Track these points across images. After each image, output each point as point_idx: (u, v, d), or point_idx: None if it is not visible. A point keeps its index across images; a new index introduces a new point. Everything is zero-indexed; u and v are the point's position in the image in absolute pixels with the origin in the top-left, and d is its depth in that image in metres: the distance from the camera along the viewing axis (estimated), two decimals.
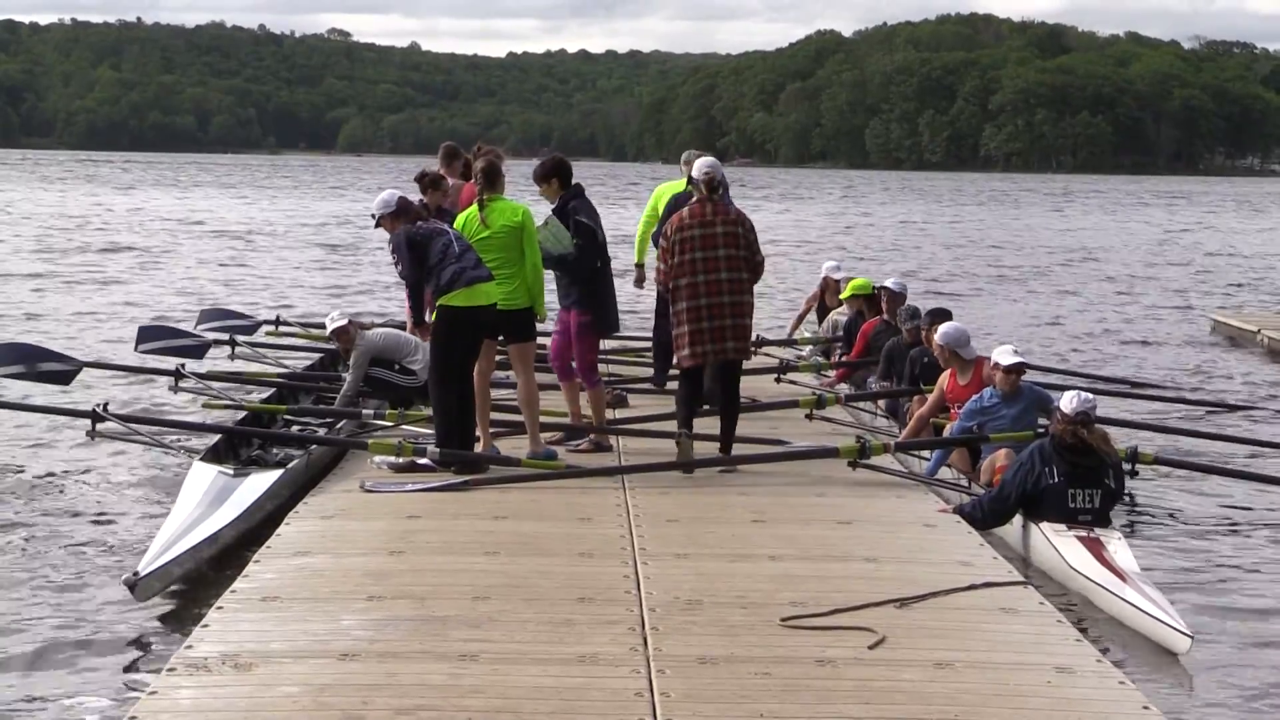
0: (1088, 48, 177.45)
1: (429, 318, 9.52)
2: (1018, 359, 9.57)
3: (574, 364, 10.21)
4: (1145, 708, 5.66)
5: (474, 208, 9.71)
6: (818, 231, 48.75)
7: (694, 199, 9.73)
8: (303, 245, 38.22)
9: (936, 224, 55.35)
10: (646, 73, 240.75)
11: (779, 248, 38.59)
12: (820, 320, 14.86)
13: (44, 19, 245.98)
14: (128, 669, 6.82)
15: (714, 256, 9.45)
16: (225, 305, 18.40)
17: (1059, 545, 8.11)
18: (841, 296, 13.70)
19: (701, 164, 9.81)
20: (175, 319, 19.08)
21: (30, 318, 21.35)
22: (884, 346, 12.06)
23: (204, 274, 29.25)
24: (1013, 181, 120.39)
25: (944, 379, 10.26)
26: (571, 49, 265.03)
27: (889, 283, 13.05)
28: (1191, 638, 6.94)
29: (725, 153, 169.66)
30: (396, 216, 9.56)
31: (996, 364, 9.58)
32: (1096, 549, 7.93)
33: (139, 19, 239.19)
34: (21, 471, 11.01)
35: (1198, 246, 45.21)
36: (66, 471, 11.03)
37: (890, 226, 52.88)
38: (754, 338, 14.71)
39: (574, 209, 10.00)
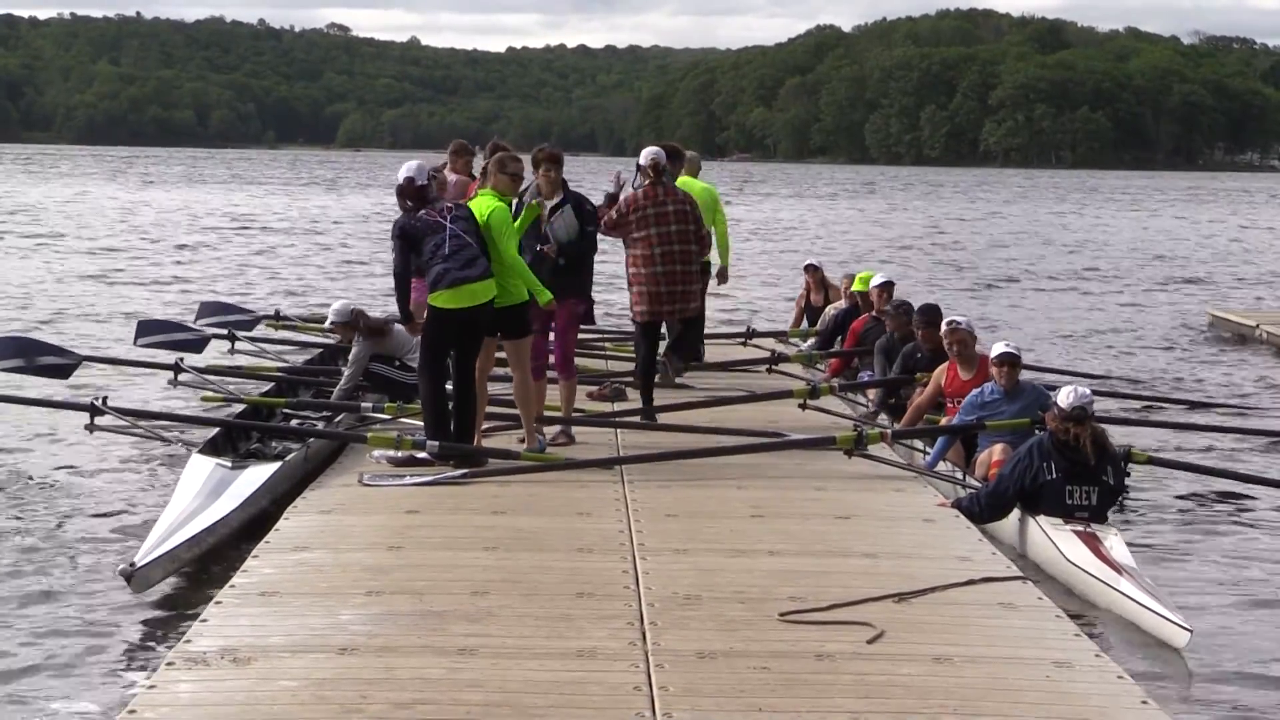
0: (1087, 43, 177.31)
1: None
2: (1008, 349, 9.56)
3: (554, 355, 10.21)
4: (1144, 702, 5.66)
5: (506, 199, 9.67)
6: (805, 229, 48.74)
7: (646, 182, 10.92)
8: (322, 243, 38.13)
9: (934, 220, 55.30)
10: (646, 68, 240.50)
11: (791, 245, 38.67)
12: (813, 322, 14.91)
13: (43, 13, 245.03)
14: (126, 663, 6.83)
15: (667, 231, 10.79)
16: (224, 299, 18.39)
17: (1057, 540, 8.11)
18: (854, 288, 13.74)
19: (647, 153, 11.05)
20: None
21: (29, 311, 21.33)
22: (876, 343, 12.11)
23: (222, 270, 29.21)
24: (1011, 176, 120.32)
25: (940, 373, 10.26)
26: (571, 44, 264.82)
27: (879, 277, 13.14)
28: (1190, 632, 6.95)
29: (724, 148, 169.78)
30: (400, 197, 9.45)
31: (990, 357, 9.60)
32: (1093, 544, 7.93)
33: (138, 13, 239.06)
34: (20, 464, 11.01)
35: (1196, 241, 45.21)
36: (65, 464, 11.03)
37: (888, 223, 52.83)
38: (746, 329, 15.20)
39: (580, 197, 10.34)
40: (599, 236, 10.73)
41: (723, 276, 13.31)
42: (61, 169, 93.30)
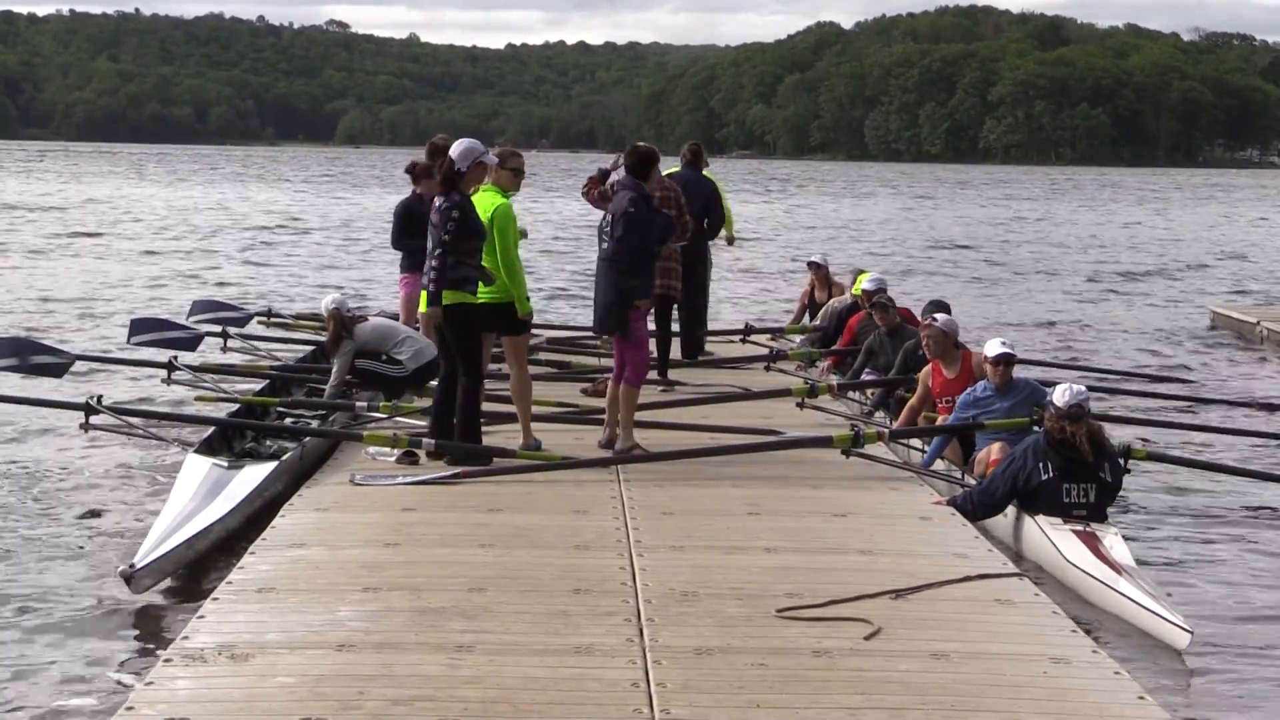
0: (1087, 39, 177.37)
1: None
2: (1004, 350, 9.53)
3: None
4: (1141, 698, 5.65)
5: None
6: (808, 228, 48.74)
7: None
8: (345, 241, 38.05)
9: (933, 216, 55.31)
10: (645, 65, 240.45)
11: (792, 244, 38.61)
12: (814, 317, 14.92)
13: (42, 10, 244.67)
14: (124, 660, 6.82)
15: None
16: (217, 297, 18.38)
17: (1055, 539, 8.07)
18: (853, 291, 13.78)
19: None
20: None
21: (25, 309, 21.31)
22: (865, 341, 12.12)
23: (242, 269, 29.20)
24: (1011, 173, 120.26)
25: (927, 373, 10.25)
26: (571, 40, 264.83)
27: (866, 281, 13.08)
28: (1191, 633, 6.89)
29: (724, 145, 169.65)
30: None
31: (986, 356, 9.58)
32: (1092, 543, 7.88)
33: (137, 10, 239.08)
34: (15, 465, 10.97)
35: (1197, 238, 45.20)
36: (61, 465, 11.00)
37: (887, 220, 52.83)
38: (744, 326, 15.39)
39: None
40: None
41: (729, 240, 14.79)
42: (59, 166, 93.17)
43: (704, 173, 13.35)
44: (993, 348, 9.60)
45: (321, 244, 36.19)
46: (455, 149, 9.30)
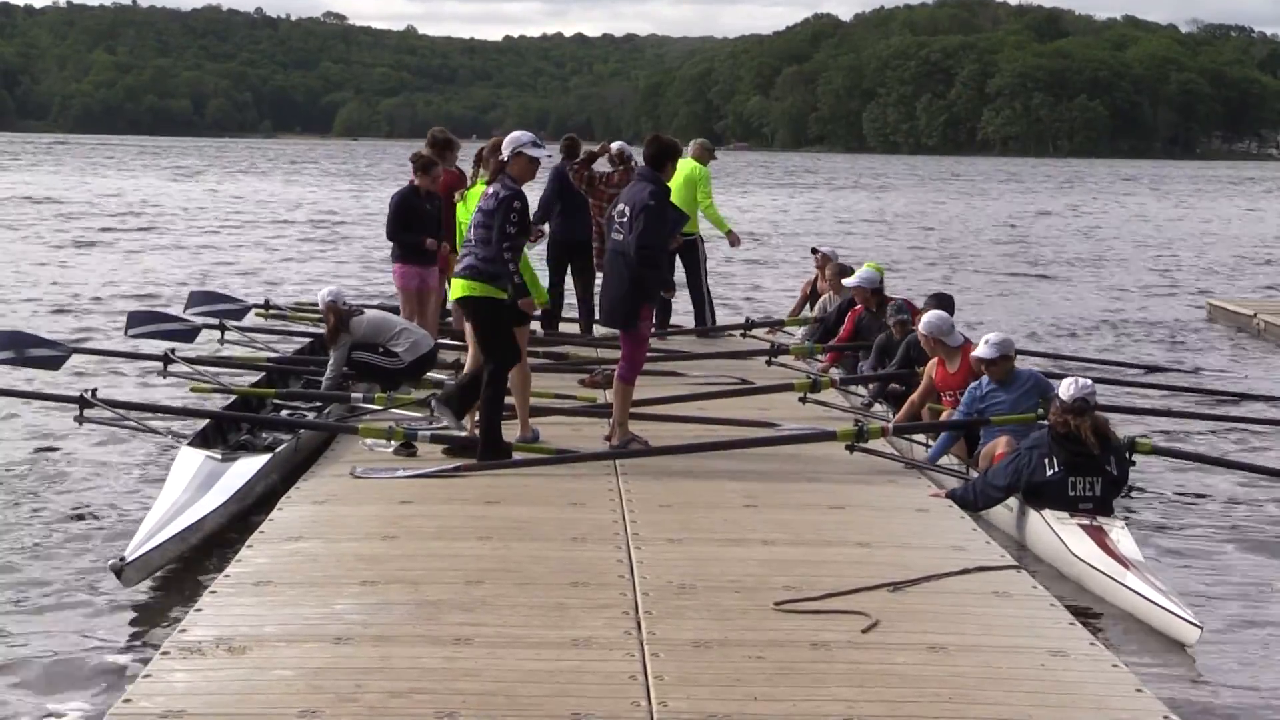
0: (1085, 31, 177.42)
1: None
2: (990, 349, 9.44)
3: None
4: (1138, 690, 5.66)
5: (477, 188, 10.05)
6: (810, 221, 48.73)
7: (621, 168, 13.51)
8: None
9: (933, 210, 55.30)
10: (643, 57, 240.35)
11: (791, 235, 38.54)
12: (814, 307, 14.90)
13: (39, 1, 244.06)
14: (121, 653, 6.80)
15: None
16: (214, 289, 18.34)
17: (1061, 533, 8.03)
18: (846, 282, 13.73)
19: (616, 145, 14.00)
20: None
21: (22, 302, 21.29)
22: (876, 340, 12.08)
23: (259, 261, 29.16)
24: (1010, 165, 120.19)
25: (931, 367, 10.23)
26: (569, 33, 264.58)
27: (857, 277, 13.02)
28: (1201, 628, 6.82)
29: (722, 137, 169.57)
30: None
31: (977, 357, 9.53)
32: (1099, 537, 7.83)
33: (134, 2, 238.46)
34: (9, 457, 10.93)
35: (1193, 230, 45.19)
36: (54, 457, 10.97)
37: (886, 214, 52.81)
38: (745, 320, 15.51)
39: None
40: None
41: (732, 239, 15.39)
42: (58, 160, 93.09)
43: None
44: (981, 348, 9.51)
45: (324, 239, 36.15)
46: (507, 138, 9.35)
